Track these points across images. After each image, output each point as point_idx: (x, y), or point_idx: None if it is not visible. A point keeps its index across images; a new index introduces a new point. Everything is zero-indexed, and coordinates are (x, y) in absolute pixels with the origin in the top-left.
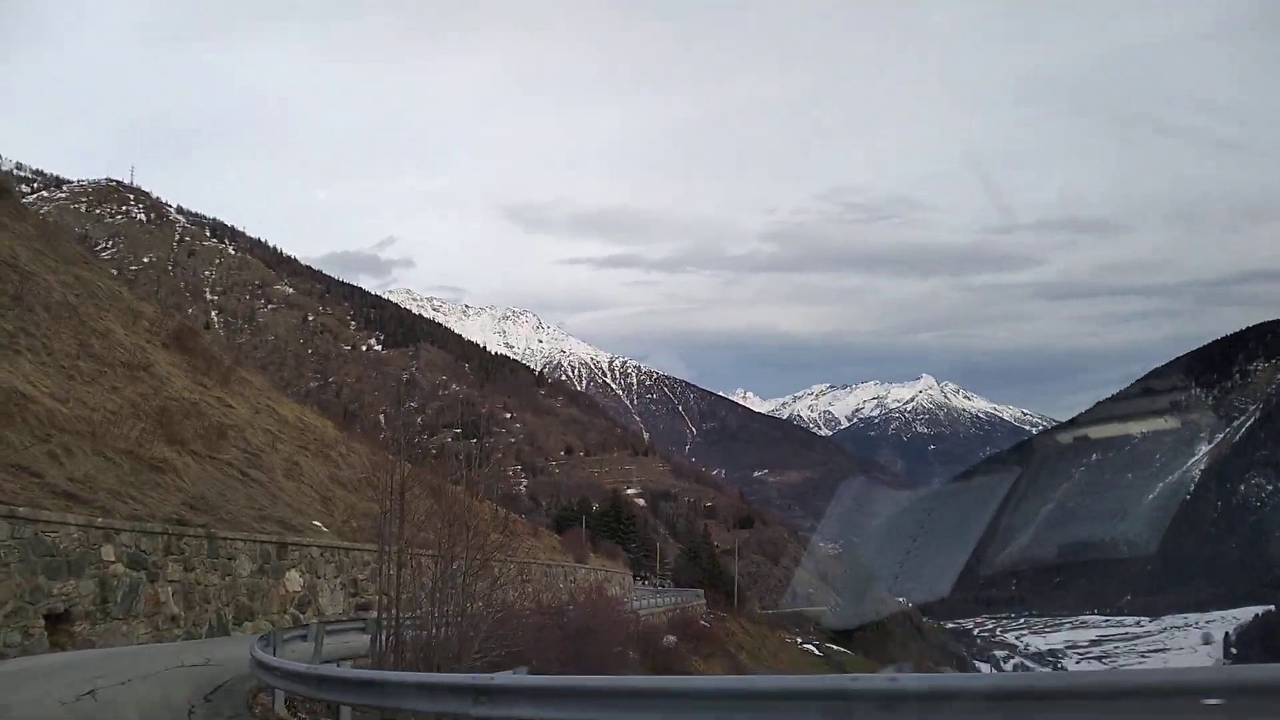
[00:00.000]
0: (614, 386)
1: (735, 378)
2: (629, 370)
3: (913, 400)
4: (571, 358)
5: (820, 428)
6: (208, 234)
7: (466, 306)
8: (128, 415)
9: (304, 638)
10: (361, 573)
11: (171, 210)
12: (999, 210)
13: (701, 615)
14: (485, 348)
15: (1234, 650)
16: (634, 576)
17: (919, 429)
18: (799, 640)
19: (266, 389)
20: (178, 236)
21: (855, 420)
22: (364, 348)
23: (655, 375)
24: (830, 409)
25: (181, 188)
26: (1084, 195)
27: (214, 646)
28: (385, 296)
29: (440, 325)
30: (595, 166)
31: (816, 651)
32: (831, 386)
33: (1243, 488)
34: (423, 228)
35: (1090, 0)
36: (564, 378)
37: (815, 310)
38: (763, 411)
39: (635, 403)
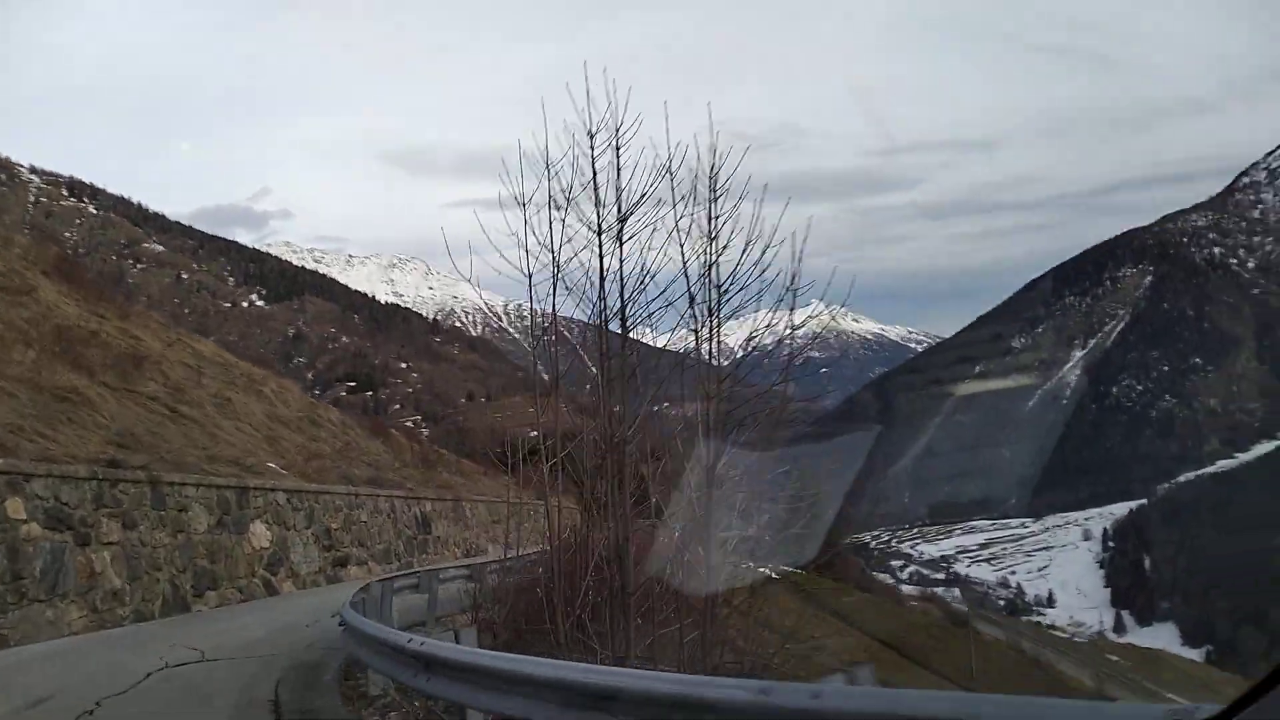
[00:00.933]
0: (511, 330)
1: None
2: (524, 312)
3: (803, 326)
4: (464, 303)
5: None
6: (65, 193)
7: (350, 256)
8: (15, 340)
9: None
10: (334, 521)
11: (24, 170)
12: (879, 134)
13: None
14: (374, 297)
15: (1111, 544)
16: None
17: (811, 353)
18: None
19: (171, 325)
20: (32, 198)
21: (751, 349)
22: (245, 304)
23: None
24: (725, 338)
25: (38, 151)
26: (960, 115)
27: (184, 629)
28: (264, 250)
29: (325, 277)
30: (481, 108)
31: None
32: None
33: (1115, 390)
34: (300, 178)
35: None
36: (458, 324)
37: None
38: (659, 345)
39: (535, 345)
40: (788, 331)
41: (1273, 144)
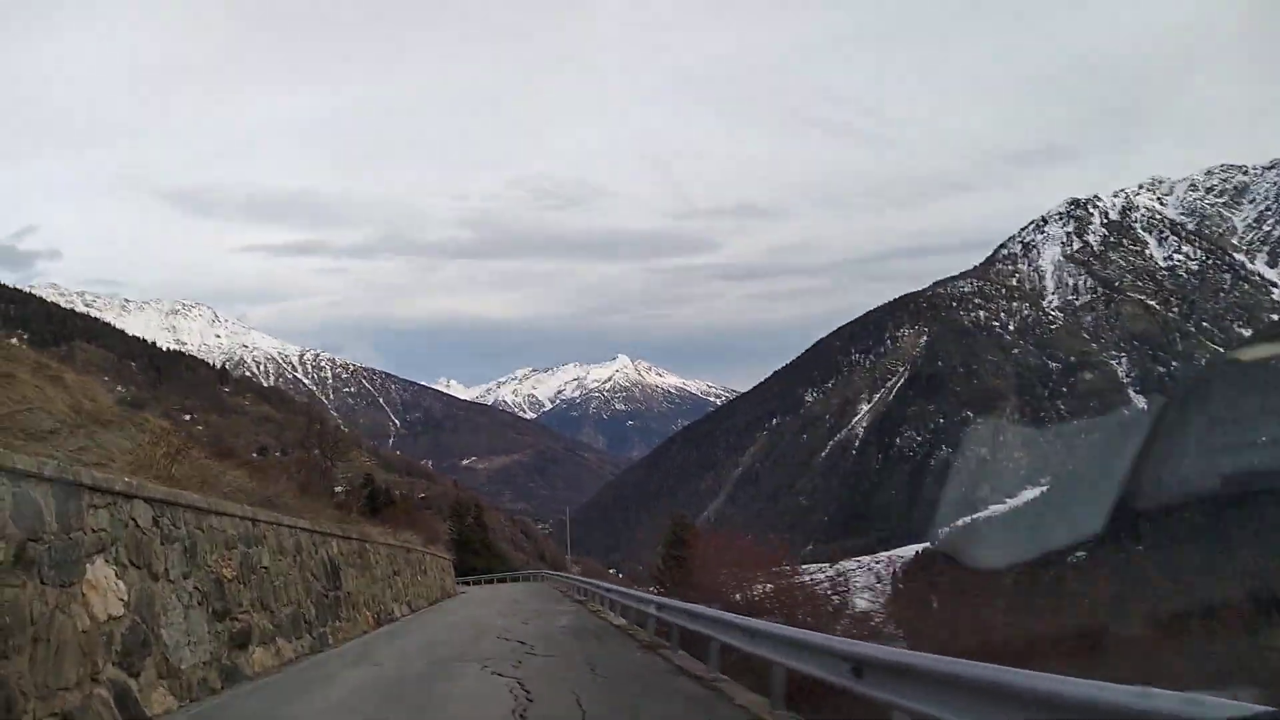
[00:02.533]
0: (306, 381)
1: (437, 366)
2: (322, 363)
3: (610, 379)
4: (256, 353)
5: (526, 411)
6: None
7: (127, 300)
8: None
9: None
10: (227, 565)
11: None
12: (678, 198)
13: None
14: (155, 344)
15: (900, 585)
16: None
17: (618, 406)
18: None
19: None
20: None
21: (559, 401)
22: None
23: (352, 367)
24: (534, 392)
25: None
26: (752, 184)
27: None
28: (29, 290)
29: (98, 321)
30: (273, 150)
31: None
32: (534, 370)
33: (898, 440)
34: (69, 216)
35: (743, 3)
36: (249, 374)
37: (514, 295)
38: (467, 398)
39: (332, 397)
40: (595, 385)
41: (1025, 220)
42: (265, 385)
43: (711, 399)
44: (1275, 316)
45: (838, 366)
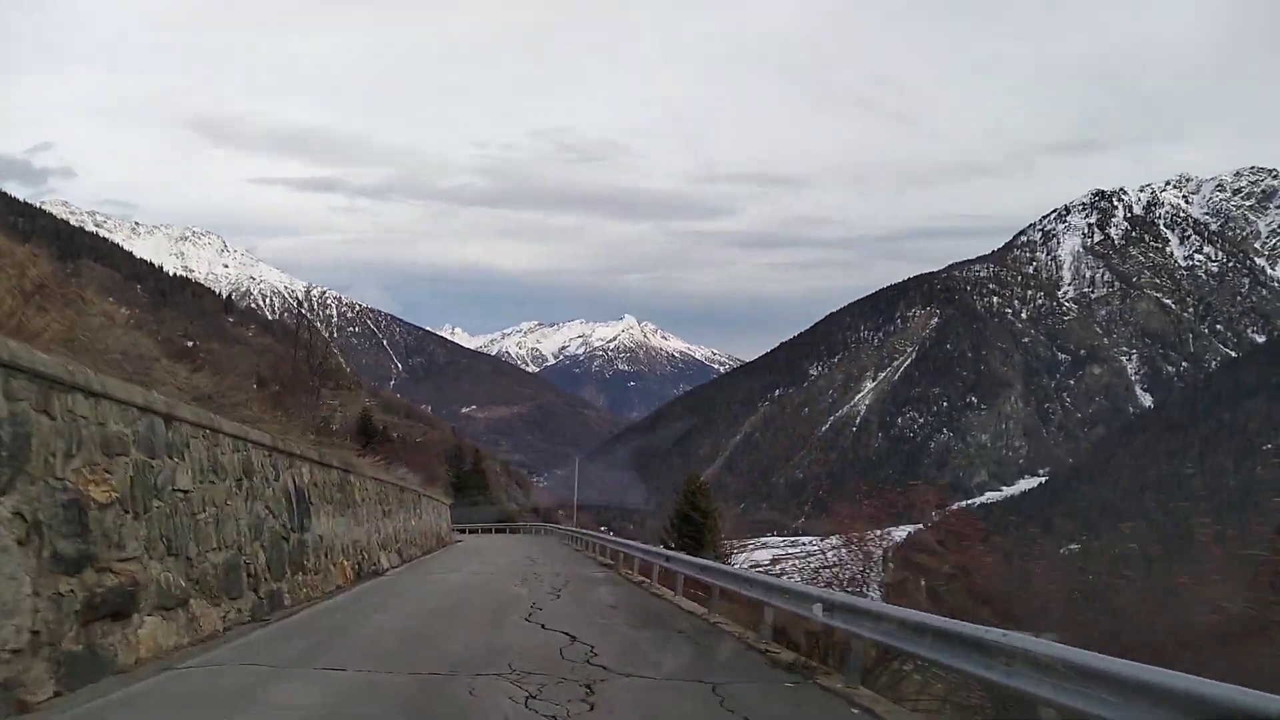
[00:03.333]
0: (312, 317)
1: (444, 313)
2: (329, 301)
3: (615, 339)
4: (263, 285)
5: (528, 364)
6: None
7: (137, 224)
8: None
9: None
10: (97, 479)
11: None
12: (700, 161)
13: None
14: (162, 268)
15: (891, 565)
16: None
17: (620, 366)
18: None
19: None
20: None
21: (562, 357)
22: None
23: (358, 307)
24: (538, 346)
25: None
26: (775, 153)
27: None
28: (39, 206)
29: (107, 241)
30: (297, 83)
31: None
32: (540, 324)
33: (900, 420)
34: (88, 135)
35: None
36: (254, 306)
37: (526, 248)
38: (471, 347)
39: (336, 335)
40: (600, 344)
41: (1047, 208)
42: (269, 318)
43: (715, 366)
44: None
45: (845, 342)
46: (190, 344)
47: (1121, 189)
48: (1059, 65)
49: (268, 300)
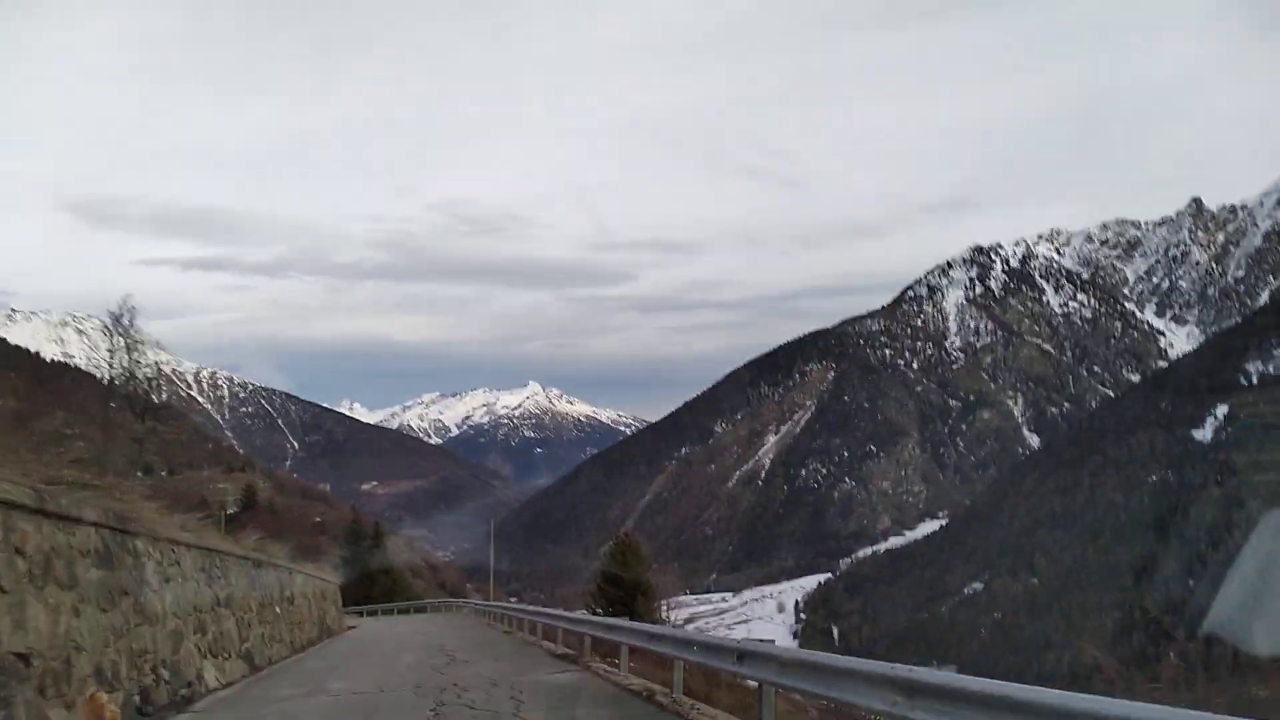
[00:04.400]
0: (201, 400)
1: (341, 388)
2: (219, 382)
3: (520, 406)
4: (148, 369)
5: (431, 436)
6: None
7: (14, 310)
8: None
9: None
10: None
11: None
12: (599, 229)
13: None
14: (39, 355)
15: (803, 615)
16: None
17: (527, 433)
18: None
19: None
20: None
21: (466, 427)
22: None
23: (251, 386)
24: (440, 417)
25: None
26: (671, 220)
27: None
28: None
29: None
30: (185, 164)
31: None
32: (442, 395)
33: (803, 472)
34: None
35: (674, 49)
36: (140, 390)
37: (426, 319)
38: (371, 422)
39: (228, 416)
40: (505, 412)
41: (930, 265)
42: (157, 401)
43: (621, 428)
44: (1163, 363)
45: (747, 399)
46: (69, 431)
47: (998, 244)
48: (931, 131)
49: (154, 383)
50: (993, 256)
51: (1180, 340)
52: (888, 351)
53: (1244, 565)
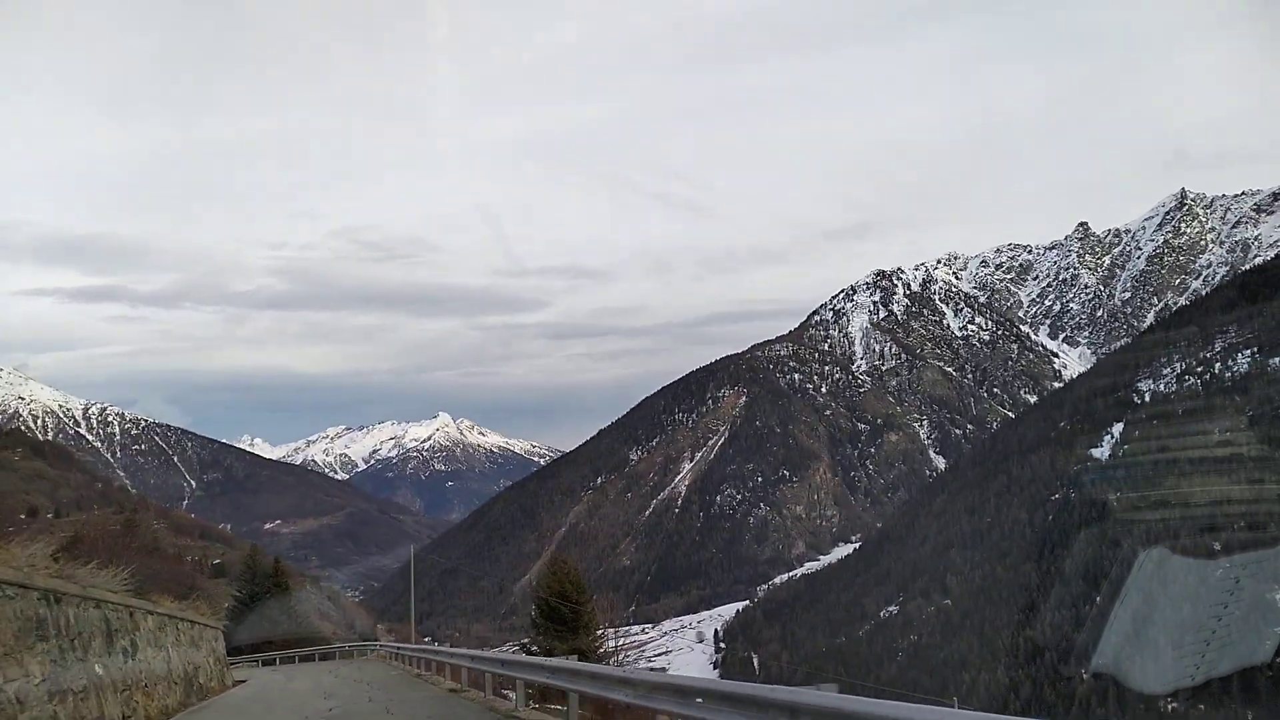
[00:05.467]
0: (90, 438)
1: (241, 423)
2: (110, 418)
3: (430, 439)
4: (34, 405)
5: (337, 471)
6: None
7: None
8: None
9: None
10: None
11: None
12: (508, 256)
13: None
14: None
15: (723, 644)
16: None
17: (437, 466)
18: None
19: None
20: None
21: (374, 462)
22: None
23: (144, 423)
24: (346, 451)
25: None
26: (581, 245)
27: None
28: None
29: None
30: (70, 185)
31: None
32: (348, 428)
33: (719, 499)
34: None
35: (576, 72)
36: (24, 428)
37: (329, 350)
38: (273, 458)
39: (119, 455)
40: (414, 444)
41: (835, 289)
42: (41, 439)
43: (535, 459)
44: (1057, 384)
45: (662, 425)
46: None
47: (899, 269)
48: (831, 159)
49: (39, 421)
50: (895, 280)
51: (1074, 361)
52: (797, 376)
53: (1128, 604)
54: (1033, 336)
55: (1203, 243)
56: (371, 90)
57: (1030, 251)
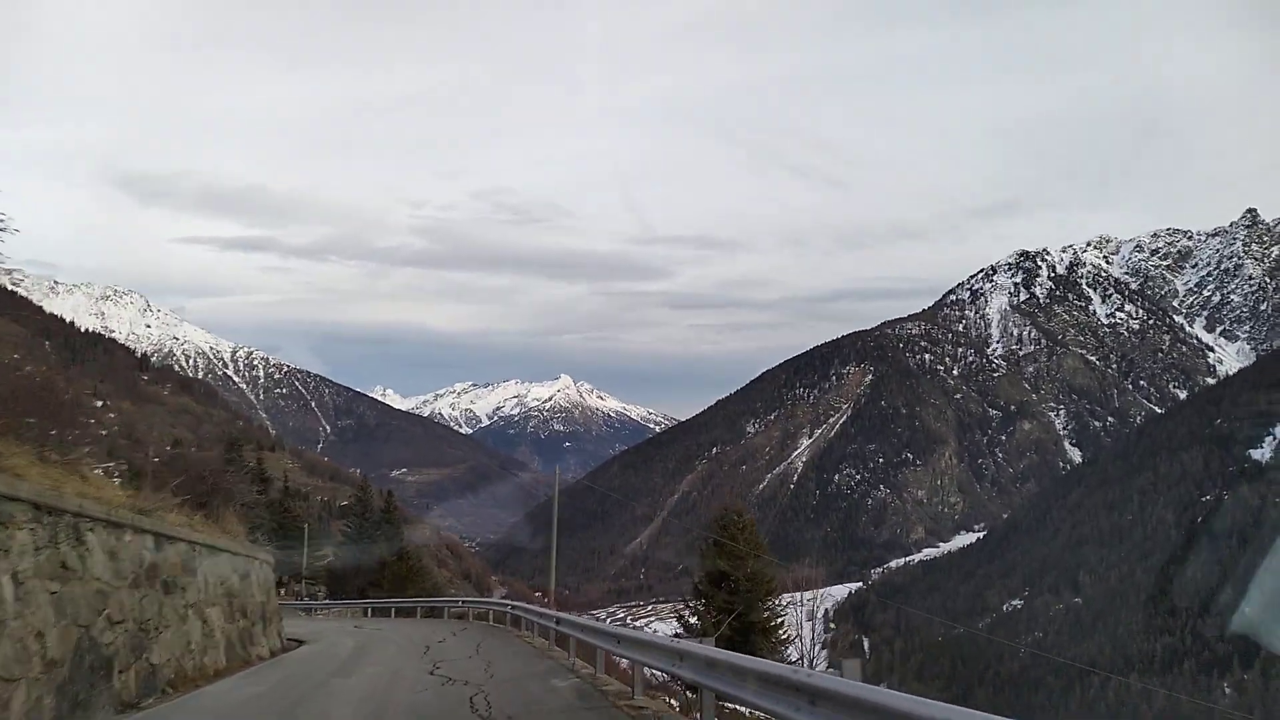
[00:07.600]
0: (236, 379)
1: (375, 374)
2: (255, 362)
3: (551, 399)
4: (187, 346)
5: (462, 426)
6: None
7: (56, 283)
8: None
9: None
10: None
11: None
12: (640, 223)
13: None
14: (74, 324)
15: (833, 625)
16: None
17: (556, 427)
18: None
19: None
20: None
21: (496, 418)
22: None
23: (286, 368)
24: (472, 407)
25: None
26: (713, 215)
27: None
28: None
29: (21, 298)
30: (232, 141)
31: None
32: (474, 385)
33: (836, 478)
34: (5, 191)
35: (727, 33)
36: (176, 366)
37: (462, 308)
38: (403, 409)
39: (262, 397)
40: (535, 404)
41: (974, 268)
42: (191, 377)
43: (651, 425)
44: (1210, 380)
45: (781, 400)
46: (99, 403)
47: (1045, 250)
48: (980, 134)
49: (191, 360)
50: (1039, 263)
51: (1230, 357)
52: (927, 356)
53: (1273, 565)
54: (1187, 328)
55: None
56: (520, 46)
57: (1190, 237)
